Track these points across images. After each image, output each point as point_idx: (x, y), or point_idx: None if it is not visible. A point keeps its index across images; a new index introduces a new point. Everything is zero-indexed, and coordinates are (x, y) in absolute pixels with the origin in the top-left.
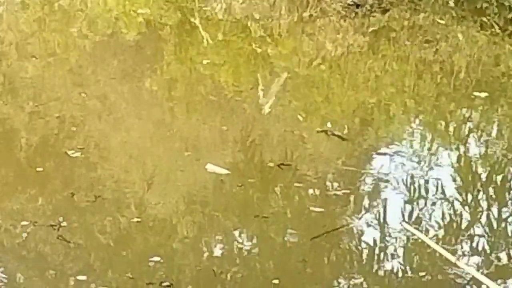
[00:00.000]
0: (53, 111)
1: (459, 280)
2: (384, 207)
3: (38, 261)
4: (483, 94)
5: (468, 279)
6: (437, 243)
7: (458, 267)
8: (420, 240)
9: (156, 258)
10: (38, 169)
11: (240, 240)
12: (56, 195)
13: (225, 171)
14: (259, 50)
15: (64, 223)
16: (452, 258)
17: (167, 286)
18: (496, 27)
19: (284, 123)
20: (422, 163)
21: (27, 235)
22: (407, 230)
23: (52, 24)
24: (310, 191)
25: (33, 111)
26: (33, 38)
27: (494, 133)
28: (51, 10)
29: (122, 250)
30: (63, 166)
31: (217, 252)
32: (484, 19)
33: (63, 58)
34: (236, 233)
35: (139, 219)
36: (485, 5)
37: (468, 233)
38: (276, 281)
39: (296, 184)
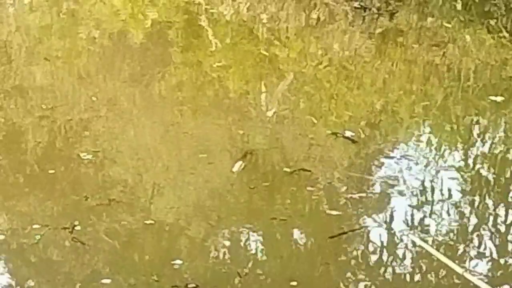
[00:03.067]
0: (64, 114)
1: None
2: (399, 211)
3: (56, 265)
4: (499, 98)
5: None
6: (445, 247)
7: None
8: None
9: (178, 261)
10: (50, 171)
11: (260, 242)
12: (70, 198)
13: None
14: (266, 53)
15: (78, 227)
16: (460, 270)
17: (193, 287)
18: (504, 30)
19: (293, 126)
20: (432, 166)
21: (41, 238)
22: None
23: (61, 28)
24: (325, 194)
25: (44, 114)
26: (42, 42)
27: (503, 136)
28: (59, 13)
29: (143, 253)
30: (76, 169)
31: (238, 254)
32: (492, 22)
33: (72, 61)
34: (255, 235)
35: (154, 223)
36: (492, 8)
37: (476, 237)
38: (294, 283)
39: (308, 188)
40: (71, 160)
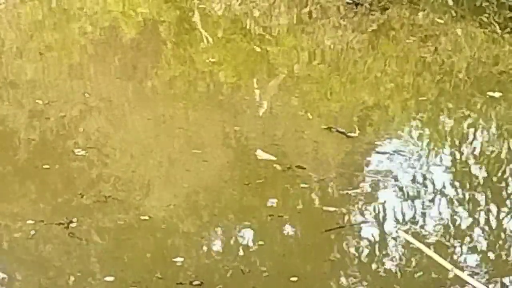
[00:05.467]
0: (57, 111)
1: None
2: (393, 206)
3: (51, 261)
4: (497, 94)
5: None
6: (437, 242)
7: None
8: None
9: (179, 259)
10: (44, 166)
11: (258, 239)
12: (65, 194)
13: (273, 158)
14: (258, 49)
15: (73, 224)
16: (449, 266)
17: (198, 285)
18: (496, 25)
19: (287, 122)
20: (425, 162)
21: (35, 233)
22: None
23: (52, 24)
24: (320, 190)
25: (37, 111)
26: (34, 38)
27: (496, 132)
28: (50, 9)
29: (143, 250)
30: (70, 165)
31: (238, 251)
32: (484, 17)
33: (63, 57)
34: (253, 232)
35: (152, 220)
36: (484, 3)
37: (468, 232)
38: (294, 278)
39: (303, 185)
40: (65, 156)
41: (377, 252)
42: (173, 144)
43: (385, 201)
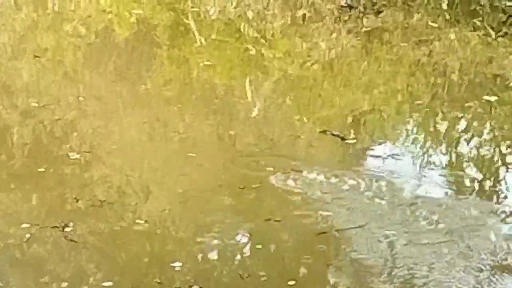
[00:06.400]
0: (51, 114)
1: None
2: (391, 209)
3: (46, 264)
4: (493, 98)
5: None
6: (434, 245)
7: None
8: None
9: (178, 263)
10: (39, 169)
11: (256, 243)
12: (59, 198)
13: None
14: (252, 51)
15: (68, 228)
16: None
17: None
18: (489, 28)
19: (281, 126)
20: (419, 165)
21: (30, 237)
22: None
23: (46, 26)
24: (315, 194)
25: (31, 114)
26: (28, 40)
27: (490, 134)
28: (44, 11)
29: (140, 255)
30: (65, 168)
31: (237, 255)
32: (477, 21)
33: (58, 60)
34: (251, 236)
35: (149, 226)
36: (478, 7)
37: (463, 236)
38: (291, 282)
39: (298, 190)
40: (60, 160)
41: (374, 255)
42: (168, 148)
43: (381, 204)
